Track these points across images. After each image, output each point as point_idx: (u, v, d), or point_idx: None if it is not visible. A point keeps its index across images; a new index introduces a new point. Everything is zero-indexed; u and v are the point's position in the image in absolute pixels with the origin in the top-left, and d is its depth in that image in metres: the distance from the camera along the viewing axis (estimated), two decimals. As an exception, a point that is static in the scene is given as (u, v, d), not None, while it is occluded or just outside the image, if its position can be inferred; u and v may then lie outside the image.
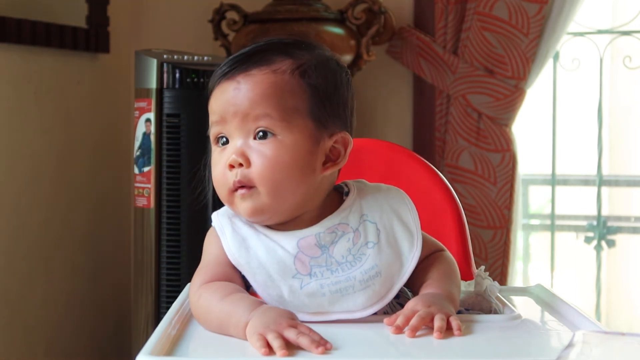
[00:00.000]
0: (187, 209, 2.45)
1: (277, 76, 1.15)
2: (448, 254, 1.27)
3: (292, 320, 1.05)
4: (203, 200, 1.28)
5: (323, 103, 1.17)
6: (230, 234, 1.18)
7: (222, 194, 1.18)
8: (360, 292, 1.14)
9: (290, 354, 0.99)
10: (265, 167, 1.14)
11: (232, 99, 1.15)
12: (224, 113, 1.16)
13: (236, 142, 1.15)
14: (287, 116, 1.14)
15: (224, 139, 1.17)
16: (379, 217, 1.19)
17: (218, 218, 1.21)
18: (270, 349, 1.00)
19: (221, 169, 1.16)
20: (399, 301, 1.20)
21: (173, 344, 1.06)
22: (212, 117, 1.18)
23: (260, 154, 1.14)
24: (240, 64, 1.16)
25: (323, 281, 1.14)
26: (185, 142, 2.45)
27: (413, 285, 1.21)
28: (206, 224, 1.24)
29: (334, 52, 1.24)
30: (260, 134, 1.14)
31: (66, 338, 2.86)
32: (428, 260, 1.23)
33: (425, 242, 1.21)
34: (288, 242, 1.16)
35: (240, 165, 1.14)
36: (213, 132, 1.18)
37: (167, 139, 2.46)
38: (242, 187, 1.15)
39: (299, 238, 1.16)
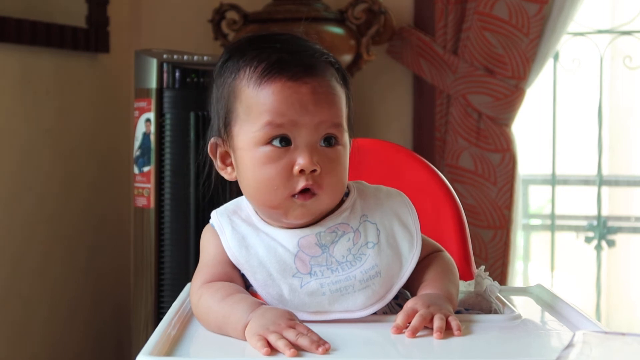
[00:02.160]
0: (187, 209, 2.45)
1: (337, 84, 1.17)
2: (446, 254, 1.27)
3: (291, 321, 1.04)
4: (208, 195, 1.26)
5: (350, 110, 1.21)
6: (230, 233, 1.18)
7: (276, 195, 1.14)
8: (360, 291, 1.14)
9: (297, 355, 0.99)
10: (335, 173, 1.15)
11: (310, 105, 1.13)
12: (297, 116, 1.13)
13: (305, 147, 1.13)
14: (345, 124, 1.17)
15: (280, 139, 1.13)
16: (379, 217, 1.20)
17: (217, 216, 1.21)
18: (272, 348, 1.00)
19: (281, 170, 1.13)
20: (398, 302, 1.20)
21: (173, 344, 1.06)
22: (276, 118, 1.13)
23: (330, 160, 1.15)
24: (300, 65, 1.14)
25: (323, 280, 1.14)
26: (185, 142, 2.45)
27: (411, 285, 1.21)
28: (205, 224, 1.24)
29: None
30: (327, 140, 1.15)
31: (66, 338, 2.86)
32: (426, 260, 1.23)
33: (423, 243, 1.21)
34: (288, 240, 1.16)
35: (314, 170, 1.13)
36: (270, 131, 1.13)
37: (167, 139, 2.46)
38: (305, 191, 1.14)
39: (299, 237, 1.16)
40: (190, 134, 2.45)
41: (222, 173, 1.22)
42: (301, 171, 1.13)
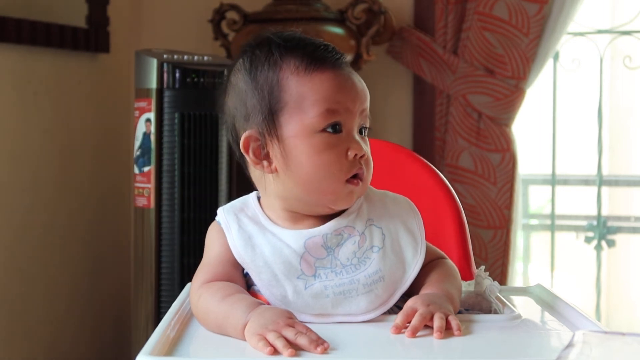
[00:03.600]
0: (186, 209, 2.45)
1: None
2: (449, 261, 1.27)
3: (290, 320, 1.04)
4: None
5: None
6: (236, 231, 1.18)
7: (333, 181, 1.15)
8: (363, 295, 1.14)
9: (296, 354, 0.99)
10: (371, 161, 1.19)
11: (359, 93, 1.18)
12: (350, 103, 1.16)
13: (354, 133, 1.17)
14: None
15: (333, 125, 1.15)
16: (385, 222, 1.20)
17: (224, 214, 1.20)
18: (274, 348, 1.00)
19: (338, 156, 1.15)
20: (398, 304, 1.20)
21: (173, 345, 1.06)
22: (332, 105, 1.15)
23: (367, 147, 1.19)
24: (338, 58, 1.18)
25: (327, 283, 1.14)
26: (185, 142, 2.45)
27: (414, 291, 1.20)
28: (206, 224, 1.23)
29: None
30: (362, 129, 1.19)
31: (66, 338, 2.86)
32: (428, 266, 1.23)
33: (427, 250, 1.21)
34: (295, 241, 1.16)
35: (362, 156, 1.16)
36: (326, 118, 1.14)
37: (167, 138, 2.46)
38: (354, 177, 1.17)
39: (306, 238, 1.16)
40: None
41: (257, 167, 1.18)
42: (354, 156, 1.16)
